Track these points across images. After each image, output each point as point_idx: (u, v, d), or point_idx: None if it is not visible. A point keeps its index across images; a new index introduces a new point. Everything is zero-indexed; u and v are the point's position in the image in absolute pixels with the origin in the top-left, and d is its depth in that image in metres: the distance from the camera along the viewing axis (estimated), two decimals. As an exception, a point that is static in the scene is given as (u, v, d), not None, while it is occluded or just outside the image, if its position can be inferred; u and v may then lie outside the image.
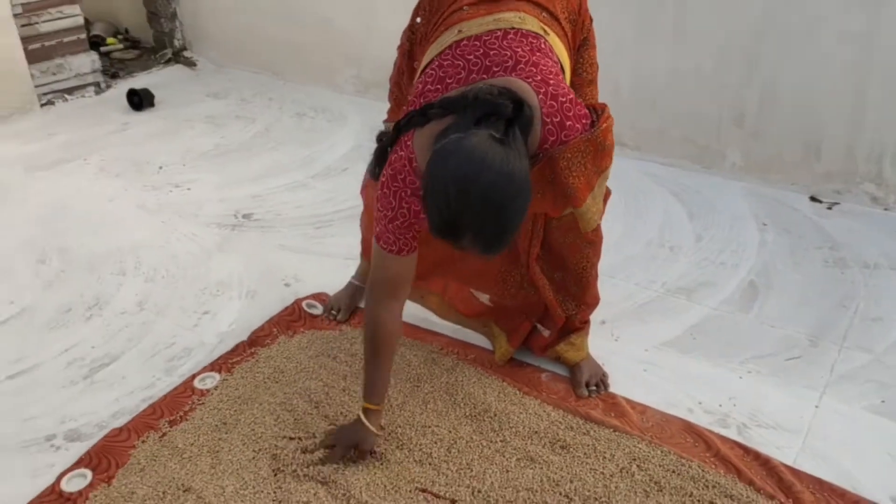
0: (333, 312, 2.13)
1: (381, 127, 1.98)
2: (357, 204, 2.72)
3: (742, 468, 1.62)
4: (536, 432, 1.71)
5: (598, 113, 1.49)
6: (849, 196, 2.69)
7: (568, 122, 1.42)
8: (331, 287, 2.23)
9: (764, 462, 1.64)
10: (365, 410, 1.60)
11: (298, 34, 3.79)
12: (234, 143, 3.26)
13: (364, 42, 3.59)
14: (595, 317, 2.01)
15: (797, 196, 2.74)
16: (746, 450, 1.67)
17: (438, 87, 1.45)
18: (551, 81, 1.42)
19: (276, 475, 1.61)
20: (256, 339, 2.03)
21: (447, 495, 1.56)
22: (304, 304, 2.17)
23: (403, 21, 1.90)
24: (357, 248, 2.21)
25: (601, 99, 1.74)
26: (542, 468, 1.62)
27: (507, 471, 1.62)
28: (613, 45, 2.63)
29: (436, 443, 1.69)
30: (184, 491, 1.57)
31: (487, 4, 1.55)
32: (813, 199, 2.73)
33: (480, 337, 2.02)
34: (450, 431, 1.72)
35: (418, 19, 1.70)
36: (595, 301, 1.88)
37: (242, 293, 2.25)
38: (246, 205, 2.75)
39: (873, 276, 2.29)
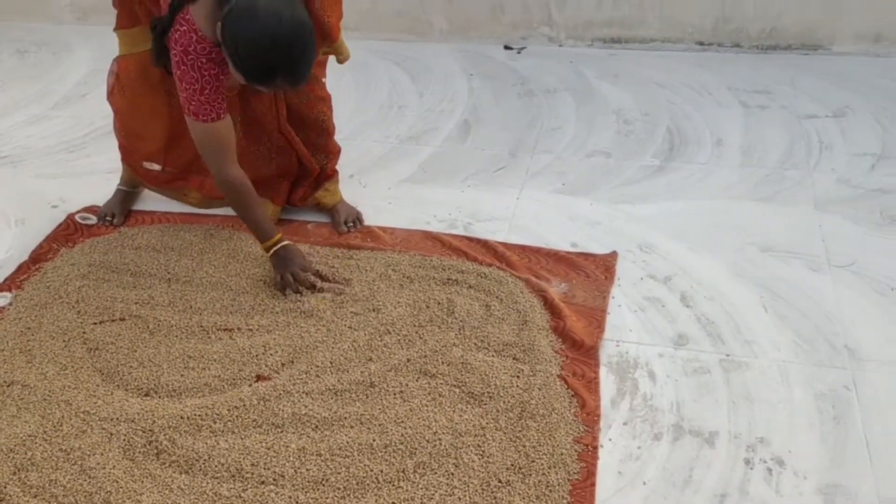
0: (108, 218, 2.30)
1: (115, 37, 2.13)
2: (108, 122, 2.83)
3: (468, 251, 2.12)
4: (320, 263, 2.08)
5: None
6: (532, 40, 3.28)
7: None
8: (99, 200, 2.38)
9: (483, 244, 2.15)
10: (269, 249, 1.97)
11: (-6, -32, 3.59)
12: (-45, 92, 3.13)
13: (70, -34, 3.51)
14: (344, 172, 2.39)
15: (494, 48, 3.28)
16: (471, 239, 2.18)
17: None
18: None
19: (90, 353, 1.85)
20: (38, 257, 2.17)
21: (241, 326, 1.90)
22: (77, 217, 2.32)
23: None
24: (117, 160, 2.36)
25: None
26: (327, 289, 2.00)
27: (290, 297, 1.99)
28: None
29: (226, 292, 2.00)
30: (7, 385, 1.76)
31: None
32: (506, 47, 3.28)
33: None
34: (237, 283, 2.04)
35: None
36: (337, 150, 2.26)
37: (11, 223, 2.34)
38: (-12, 146, 2.74)
39: (553, 98, 2.89)
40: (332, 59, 2.06)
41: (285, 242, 1.99)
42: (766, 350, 1.78)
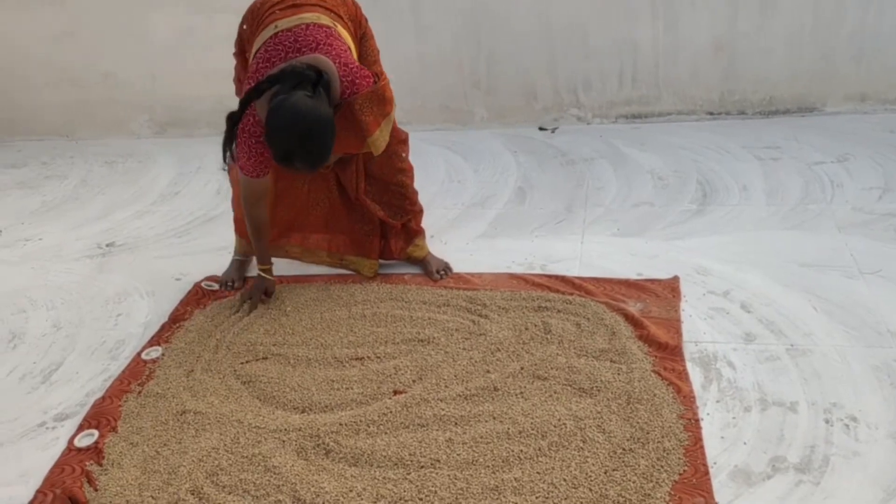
0: (229, 284, 2.64)
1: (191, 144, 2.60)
2: (205, 212, 3.25)
3: (550, 285, 2.46)
4: (425, 302, 2.42)
5: (378, 77, 2.23)
6: (563, 121, 3.75)
7: (357, 81, 2.13)
8: (215, 271, 2.72)
9: (561, 279, 2.50)
10: (262, 271, 2.46)
11: (82, 93, 4.08)
12: (60, 197, 3.53)
13: (150, 87, 4.00)
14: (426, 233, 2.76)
15: (530, 129, 3.75)
16: (549, 276, 2.52)
17: (266, 65, 2.10)
18: (342, 56, 2.13)
19: (245, 385, 2.14)
20: (176, 317, 2.49)
21: (369, 355, 2.20)
22: (203, 284, 2.65)
23: (187, 60, 3.13)
24: (226, 238, 2.72)
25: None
26: (436, 322, 2.32)
27: (414, 323, 2.31)
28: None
29: (348, 331, 2.32)
30: (181, 414, 2.04)
31: (293, 8, 2.20)
32: (541, 128, 3.75)
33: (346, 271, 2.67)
34: (354, 323, 2.35)
35: (244, 26, 2.31)
36: (421, 210, 2.65)
37: (143, 294, 2.66)
38: (103, 237, 3.10)
39: (592, 165, 3.32)
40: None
41: (269, 277, 2.49)
42: (823, 339, 2.10)
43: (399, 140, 2.49)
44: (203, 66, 3.83)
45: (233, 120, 2.15)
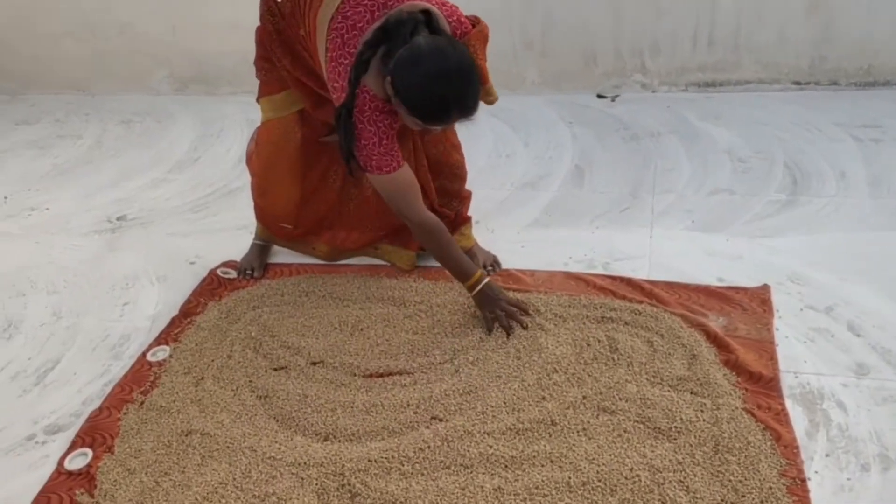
0: (248, 272, 2.34)
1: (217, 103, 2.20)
2: (225, 183, 2.95)
3: (615, 290, 2.11)
4: (470, 305, 2.07)
5: (473, 20, 1.85)
6: (625, 88, 3.33)
7: (462, 20, 1.78)
8: (233, 254, 2.43)
9: (628, 282, 2.14)
10: (473, 286, 1.94)
11: (99, 45, 3.76)
12: (72, 160, 3.25)
13: (171, 40, 3.66)
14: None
15: (587, 96, 3.34)
16: (614, 278, 2.17)
17: (354, 32, 1.71)
18: None
19: (261, 400, 1.85)
20: (188, 311, 2.20)
21: (404, 369, 1.90)
22: (218, 271, 2.36)
23: (211, 13, 2.79)
24: (247, 216, 2.42)
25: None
26: (478, 325, 2.00)
27: (456, 332, 1.99)
28: None
29: (378, 338, 2.01)
30: (186, 435, 1.76)
31: None
32: (599, 95, 3.34)
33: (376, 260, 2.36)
34: (384, 329, 2.04)
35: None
36: (468, 195, 2.33)
37: (153, 279, 2.38)
38: (115, 209, 2.82)
39: (659, 141, 2.91)
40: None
41: (488, 279, 1.98)
42: (953, 375, 1.73)
43: None
44: (228, 19, 3.47)
45: (347, 108, 1.73)
